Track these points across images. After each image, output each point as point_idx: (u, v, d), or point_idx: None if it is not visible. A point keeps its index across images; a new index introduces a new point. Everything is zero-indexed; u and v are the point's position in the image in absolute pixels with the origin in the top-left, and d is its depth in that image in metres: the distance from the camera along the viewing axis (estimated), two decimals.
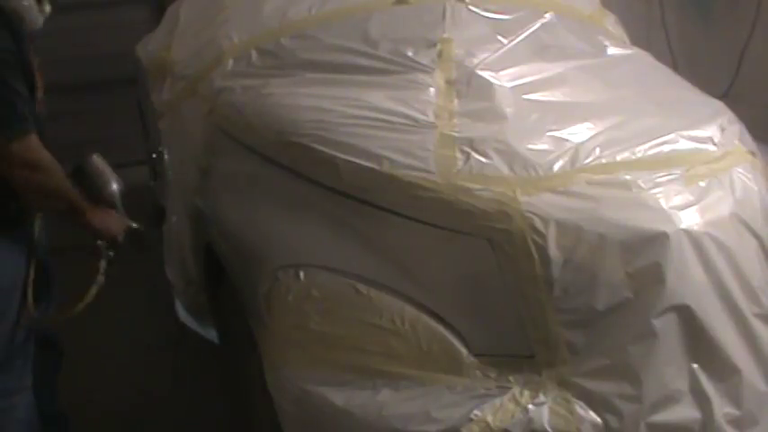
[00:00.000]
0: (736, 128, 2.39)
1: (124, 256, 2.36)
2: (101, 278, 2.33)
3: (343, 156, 2.17)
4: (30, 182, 2.18)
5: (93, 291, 2.32)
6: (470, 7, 2.71)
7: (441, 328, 2.01)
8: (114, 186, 2.36)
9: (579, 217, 1.98)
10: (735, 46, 4.30)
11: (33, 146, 2.17)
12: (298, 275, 2.08)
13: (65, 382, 2.56)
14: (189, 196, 2.70)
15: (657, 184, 2.07)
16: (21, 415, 2.30)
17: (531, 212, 1.98)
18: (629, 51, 2.80)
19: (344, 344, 2.03)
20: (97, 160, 2.37)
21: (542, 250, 1.96)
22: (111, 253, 2.33)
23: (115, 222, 2.34)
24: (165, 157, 3.11)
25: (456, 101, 2.32)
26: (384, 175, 2.11)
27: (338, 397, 2.00)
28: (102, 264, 2.33)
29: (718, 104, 2.51)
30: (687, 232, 2.00)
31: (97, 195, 2.33)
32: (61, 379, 2.56)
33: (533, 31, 2.67)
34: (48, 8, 2.25)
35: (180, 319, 3.06)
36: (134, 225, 2.35)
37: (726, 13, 4.43)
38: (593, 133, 2.20)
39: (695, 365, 2.00)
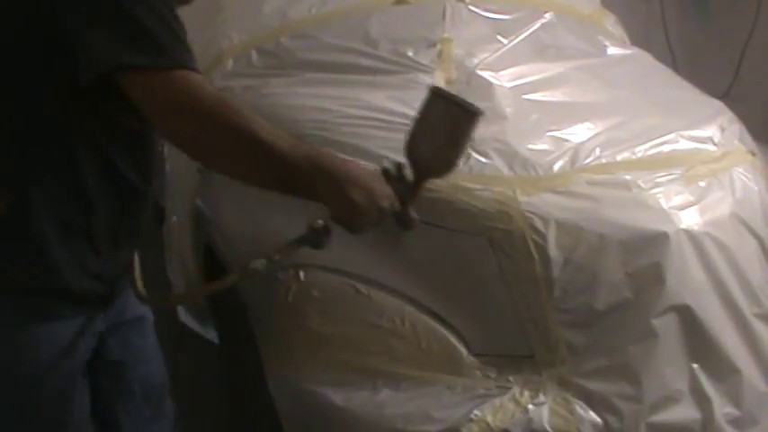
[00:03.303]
0: (736, 128, 2.40)
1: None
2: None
3: (343, 155, 2.16)
4: (197, 137, 1.53)
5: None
6: (470, 7, 2.71)
7: (441, 328, 2.00)
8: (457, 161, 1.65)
9: (579, 217, 1.98)
10: (735, 46, 4.30)
11: (192, 83, 1.50)
12: (298, 275, 2.08)
13: None
14: (189, 196, 2.70)
15: (657, 184, 2.07)
16: None
17: (531, 212, 1.98)
18: (629, 51, 2.81)
19: (344, 344, 2.03)
20: (475, 114, 1.61)
21: (542, 250, 1.96)
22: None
23: (379, 194, 1.59)
24: (165, 156, 3.11)
25: None
26: None
27: (338, 397, 1.99)
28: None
29: (718, 104, 2.51)
30: (687, 232, 2.00)
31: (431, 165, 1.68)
32: None
33: (533, 31, 2.66)
34: None
35: (180, 319, 3.06)
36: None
37: (726, 13, 4.43)
38: (593, 133, 2.20)
39: (695, 365, 2.00)
